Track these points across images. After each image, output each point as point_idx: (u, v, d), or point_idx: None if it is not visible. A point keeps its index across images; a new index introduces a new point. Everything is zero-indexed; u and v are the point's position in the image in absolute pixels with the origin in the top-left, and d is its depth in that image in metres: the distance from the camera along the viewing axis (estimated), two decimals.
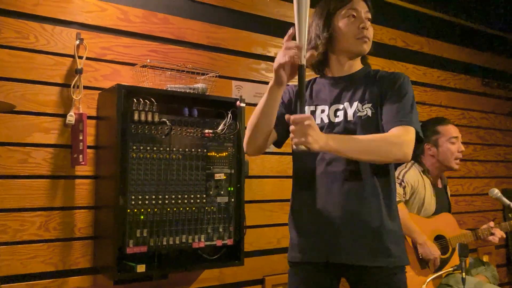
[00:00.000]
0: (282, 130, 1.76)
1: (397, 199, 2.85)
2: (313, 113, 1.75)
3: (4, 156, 2.19)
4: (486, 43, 4.50)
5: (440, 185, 3.15)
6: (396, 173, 3.05)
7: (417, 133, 1.63)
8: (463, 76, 4.31)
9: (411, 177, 2.98)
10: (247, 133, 1.71)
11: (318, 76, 1.84)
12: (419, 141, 1.66)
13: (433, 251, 2.80)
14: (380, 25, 3.70)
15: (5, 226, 2.17)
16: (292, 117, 1.46)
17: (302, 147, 1.46)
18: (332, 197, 1.67)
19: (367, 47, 1.71)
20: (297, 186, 1.80)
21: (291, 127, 1.47)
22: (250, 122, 1.69)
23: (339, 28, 1.70)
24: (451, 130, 3.08)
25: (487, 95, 4.50)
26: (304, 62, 1.50)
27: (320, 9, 1.76)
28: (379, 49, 3.70)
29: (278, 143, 1.84)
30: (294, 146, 1.47)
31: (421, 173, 3.05)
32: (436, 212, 3.05)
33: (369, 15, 1.72)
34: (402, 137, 1.59)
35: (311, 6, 1.54)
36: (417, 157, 3.13)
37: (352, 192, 1.66)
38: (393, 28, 3.79)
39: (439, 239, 2.94)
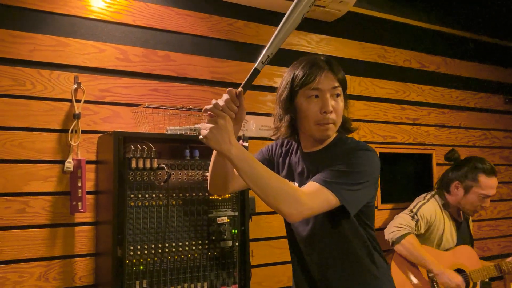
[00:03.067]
0: None
1: (407, 231, 2.73)
2: None
3: (1, 207, 2.15)
4: (506, 58, 4.30)
5: (461, 219, 3.01)
6: (412, 205, 2.94)
7: (342, 208, 1.38)
8: (484, 94, 4.12)
9: (427, 211, 2.86)
10: (208, 175, 1.60)
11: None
12: (342, 215, 1.44)
13: (454, 278, 2.67)
14: (394, 47, 3.58)
15: (4, 279, 2.13)
16: (214, 101, 1.31)
17: (201, 137, 1.31)
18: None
19: (330, 132, 1.50)
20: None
21: (208, 108, 1.31)
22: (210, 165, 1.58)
23: (300, 110, 1.51)
24: (491, 187, 2.88)
25: (511, 113, 4.30)
26: (258, 66, 1.36)
27: (286, 80, 1.55)
28: (393, 72, 3.60)
29: None
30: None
31: (441, 206, 2.93)
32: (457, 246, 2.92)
33: (338, 90, 1.49)
34: (308, 196, 1.33)
35: None
36: (441, 186, 2.99)
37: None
38: (407, 49, 3.66)
39: (459, 273, 2.79)
